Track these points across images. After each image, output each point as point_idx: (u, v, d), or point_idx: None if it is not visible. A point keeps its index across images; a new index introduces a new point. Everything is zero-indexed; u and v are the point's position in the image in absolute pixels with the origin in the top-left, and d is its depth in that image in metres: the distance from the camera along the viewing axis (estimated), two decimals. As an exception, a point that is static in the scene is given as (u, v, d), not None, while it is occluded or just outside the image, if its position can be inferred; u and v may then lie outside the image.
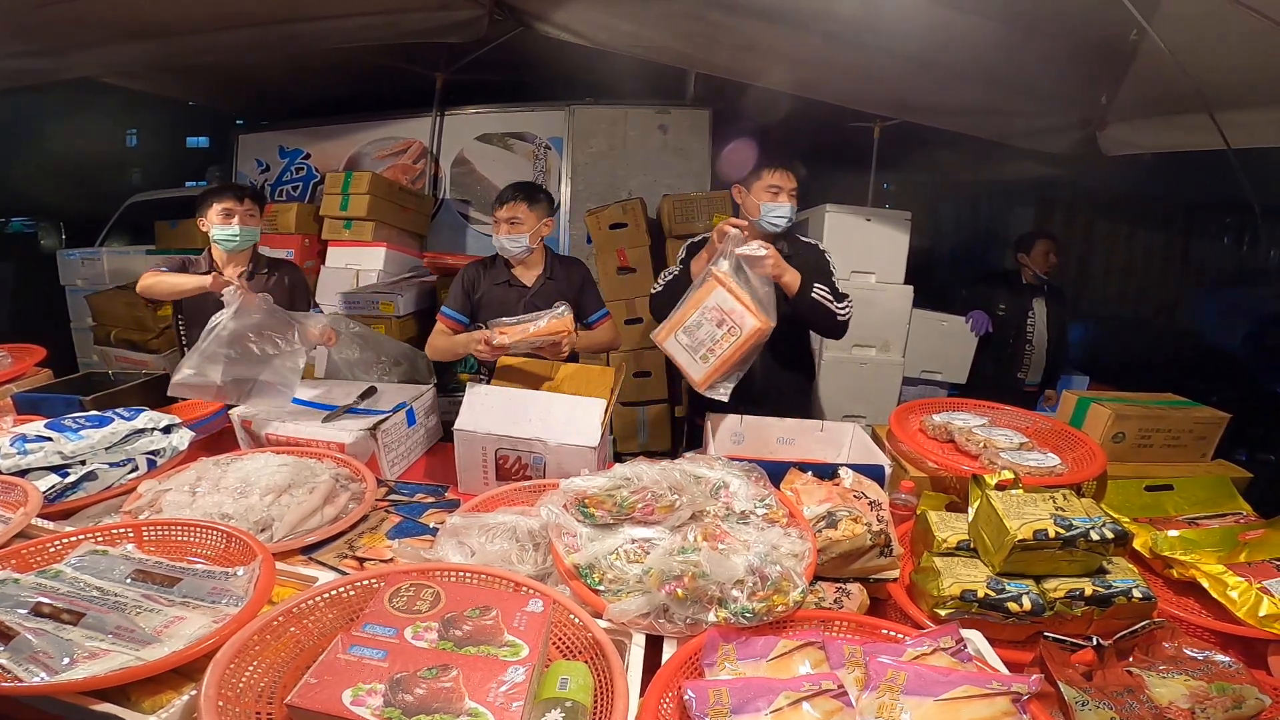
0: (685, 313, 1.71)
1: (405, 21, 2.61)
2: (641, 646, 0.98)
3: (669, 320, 1.75)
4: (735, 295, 1.65)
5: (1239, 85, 2.16)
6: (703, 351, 1.68)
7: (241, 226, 2.11)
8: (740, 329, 1.63)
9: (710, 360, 1.66)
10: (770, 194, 1.95)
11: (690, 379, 1.71)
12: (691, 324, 1.70)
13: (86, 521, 1.33)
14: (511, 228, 2.05)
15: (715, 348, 1.65)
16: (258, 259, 2.27)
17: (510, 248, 2.08)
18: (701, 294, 1.70)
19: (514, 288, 2.15)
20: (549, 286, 2.13)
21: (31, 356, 2.23)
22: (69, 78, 2.87)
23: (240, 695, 0.79)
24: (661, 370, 3.52)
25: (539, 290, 2.13)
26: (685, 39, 2.57)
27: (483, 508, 1.34)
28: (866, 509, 1.21)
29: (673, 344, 1.73)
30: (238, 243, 2.14)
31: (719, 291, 1.67)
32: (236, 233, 2.10)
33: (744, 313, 1.63)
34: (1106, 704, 0.90)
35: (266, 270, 2.27)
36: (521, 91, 4.12)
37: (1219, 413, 1.71)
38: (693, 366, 1.70)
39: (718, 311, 1.66)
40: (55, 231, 6.20)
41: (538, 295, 2.12)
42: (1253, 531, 1.34)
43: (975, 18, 2.22)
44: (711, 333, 1.66)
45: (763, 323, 1.61)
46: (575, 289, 2.17)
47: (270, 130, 4.43)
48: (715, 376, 1.67)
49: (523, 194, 2.07)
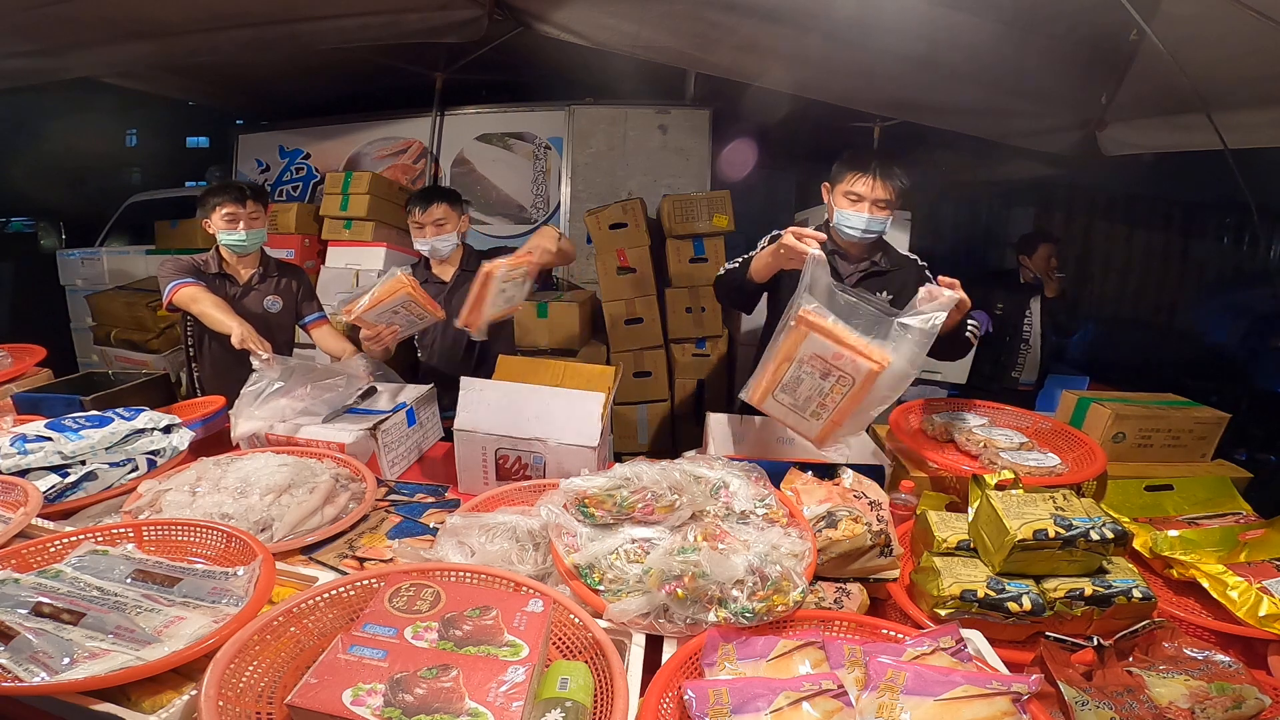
0: (777, 368, 1.39)
1: (405, 21, 2.61)
2: (641, 646, 0.98)
3: (759, 378, 1.43)
4: (835, 338, 1.32)
5: (1238, 85, 2.16)
6: (812, 408, 1.39)
7: (247, 231, 2.11)
8: (853, 378, 1.32)
9: (823, 416, 1.38)
10: (849, 201, 1.75)
11: (805, 437, 1.44)
12: (788, 381, 1.38)
13: (86, 521, 1.33)
14: (439, 229, 2.18)
15: (826, 402, 1.36)
16: (266, 260, 2.27)
17: (442, 247, 2.21)
18: (790, 344, 1.36)
19: (432, 284, 2.27)
20: (466, 279, 2.21)
21: (31, 356, 2.22)
22: (69, 78, 2.87)
23: (240, 695, 0.79)
24: (662, 370, 3.53)
25: (456, 283, 2.24)
26: (685, 39, 2.57)
27: (483, 508, 1.34)
28: (866, 509, 1.21)
29: (773, 405, 1.43)
30: (244, 247, 2.14)
31: (812, 339, 1.34)
32: (243, 238, 2.10)
33: (853, 357, 1.31)
34: (1106, 704, 0.90)
35: (276, 274, 2.27)
36: (521, 91, 4.13)
37: (1219, 413, 1.71)
38: (804, 425, 1.41)
39: (818, 361, 1.35)
40: (55, 231, 6.20)
41: (456, 288, 2.23)
42: (1253, 531, 1.34)
43: (975, 18, 2.22)
44: (817, 386, 1.36)
45: (879, 363, 1.30)
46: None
47: (270, 130, 4.44)
48: (834, 431, 1.39)
49: (446, 196, 2.19)
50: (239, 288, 2.20)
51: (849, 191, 1.75)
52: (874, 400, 1.34)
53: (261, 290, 2.23)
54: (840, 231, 1.79)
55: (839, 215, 1.77)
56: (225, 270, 2.19)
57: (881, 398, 1.34)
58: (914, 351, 1.34)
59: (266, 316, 2.21)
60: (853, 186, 1.74)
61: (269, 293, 2.24)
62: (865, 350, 1.31)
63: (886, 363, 1.30)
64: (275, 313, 2.26)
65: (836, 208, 1.78)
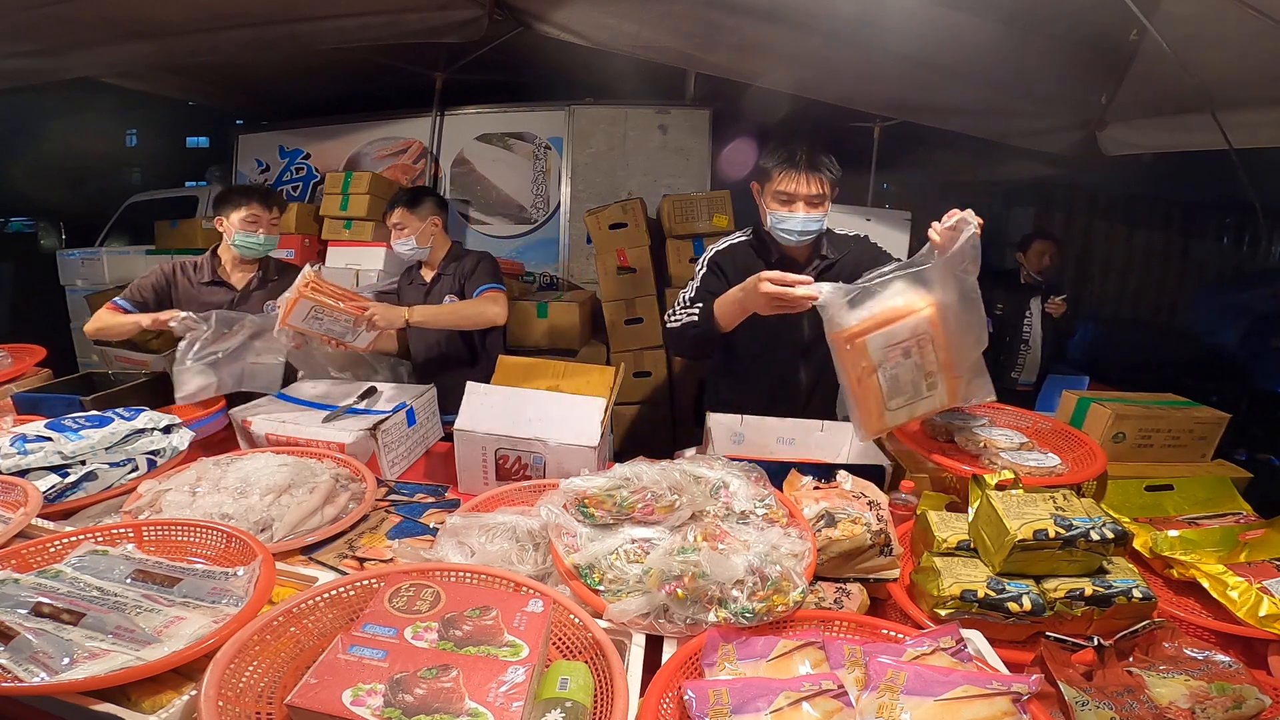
0: (865, 391, 1.31)
1: (405, 21, 2.61)
2: (641, 647, 0.98)
3: (861, 412, 1.34)
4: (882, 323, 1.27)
5: (1239, 85, 2.16)
6: (924, 385, 1.32)
7: (266, 235, 2.10)
8: (927, 334, 1.27)
9: (937, 381, 1.32)
10: (780, 202, 1.62)
11: (942, 410, 1.40)
12: (887, 389, 1.31)
13: (86, 521, 1.33)
14: (398, 232, 2.21)
15: (930, 368, 1.30)
16: (268, 264, 2.25)
17: (402, 250, 2.24)
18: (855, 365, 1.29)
19: (416, 285, 2.35)
20: (440, 281, 2.29)
21: (31, 356, 2.22)
22: (69, 78, 2.87)
23: (240, 695, 0.79)
24: (662, 370, 3.53)
25: (434, 283, 2.29)
26: (685, 39, 2.57)
27: (483, 508, 1.34)
28: (865, 509, 1.21)
29: (896, 416, 1.35)
30: (259, 250, 2.13)
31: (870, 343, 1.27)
32: (260, 241, 2.10)
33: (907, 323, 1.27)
34: (1107, 704, 0.90)
35: (277, 278, 2.23)
36: (521, 91, 4.13)
37: (1219, 413, 1.71)
38: (933, 401, 1.36)
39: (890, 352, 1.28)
40: (55, 231, 6.20)
41: (434, 288, 2.29)
42: (1253, 531, 1.34)
43: (975, 18, 2.22)
44: (911, 367, 1.29)
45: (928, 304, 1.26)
46: (466, 275, 2.29)
47: (270, 130, 4.44)
48: (957, 384, 1.34)
49: (405, 199, 2.21)
50: (235, 294, 2.17)
51: (778, 192, 1.61)
52: (960, 333, 1.30)
53: (260, 296, 2.20)
54: (776, 235, 1.66)
55: (772, 219, 1.63)
56: (219, 277, 2.16)
57: (965, 324, 1.30)
58: (944, 274, 1.28)
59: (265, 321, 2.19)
60: (781, 185, 1.60)
61: (269, 298, 2.21)
62: (908, 308, 1.28)
63: (931, 302, 1.27)
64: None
65: (768, 210, 1.64)
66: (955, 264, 1.26)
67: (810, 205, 1.60)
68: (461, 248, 2.37)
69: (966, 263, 1.26)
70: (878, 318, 1.27)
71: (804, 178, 1.57)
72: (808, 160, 1.58)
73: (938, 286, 1.28)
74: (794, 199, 1.59)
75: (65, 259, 4.22)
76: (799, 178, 1.58)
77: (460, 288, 2.27)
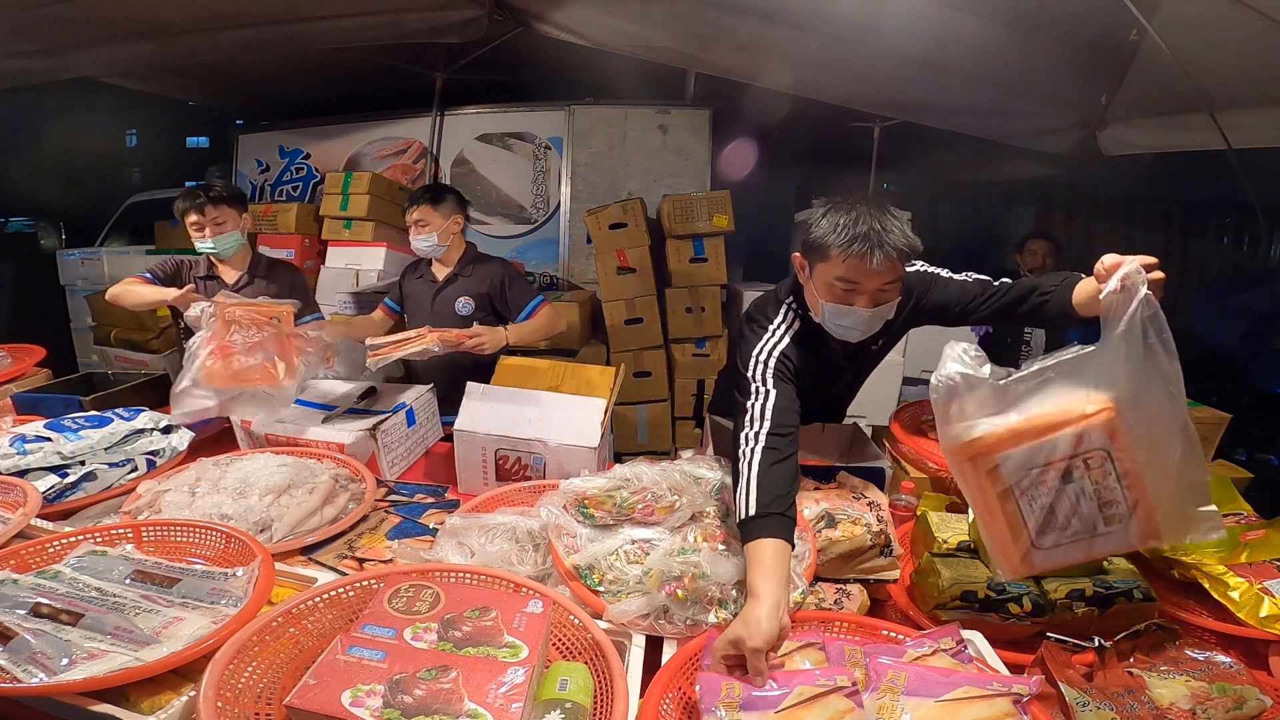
0: (1001, 523, 0.95)
1: (405, 21, 2.61)
2: (641, 647, 0.97)
3: (1000, 551, 0.97)
4: (1028, 434, 0.91)
5: (1239, 85, 2.16)
6: (1100, 518, 0.93)
7: (214, 237, 2.05)
8: (1100, 447, 0.89)
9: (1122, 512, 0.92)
10: (842, 289, 1.21)
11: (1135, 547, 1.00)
12: (1034, 522, 0.93)
13: (86, 522, 1.33)
14: (419, 229, 2.17)
15: (1107, 497, 0.91)
16: (256, 261, 2.20)
17: (421, 246, 2.20)
18: (982, 491, 0.95)
19: (425, 280, 2.28)
20: (456, 282, 2.25)
21: (31, 356, 2.22)
22: (69, 78, 2.87)
23: (239, 696, 0.79)
24: (662, 370, 3.52)
25: (447, 283, 2.25)
26: (685, 39, 2.57)
27: (482, 508, 1.33)
28: (866, 510, 1.21)
29: (1052, 556, 0.95)
30: (216, 254, 2.10)
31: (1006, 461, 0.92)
32: (211, 246, 2.06)
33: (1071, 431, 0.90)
34: (1107, 705, 0.90)
35: (265, 275, 2.19)
36: (521, 91, 4.13)
37: (1219, 413, 1.71)
38: (1119, 538, 0.93)
39: (1039, 473, 0.92)
40: (55, 231, 6.20)
41: (446, 288, 2.23)
42: (1253, 532, 1.34)
43: (976, 18, 2.22)
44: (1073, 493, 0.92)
45: (1104, 407, 0.89)
46: (489, 285, 2.25)
47: (270, 130, 4.44)
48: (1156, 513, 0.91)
49: (428, 196, 2.18)
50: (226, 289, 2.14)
51: (840, 279, 1.19)
52: (1158, 445, 0.90)
53: (248, 294, 2.14)
54: (831, 330, 1.28)
55: (828, 311, 1.24)
56: (214, 273, 2.15)
57: (1166, 423, 0.90)
58: (1126, 356, 0.89)
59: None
60: (845, 272, 1.18)
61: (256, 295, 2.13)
62: (1066, 414, 0.90)
63: (1105, 403, 0.89)
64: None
65: (821, 299, 1.24)
66: (1137, 339, 0.88)
67: (877, 298, 1.21)
68: (476, 250, 2.32)
69: (1150, 334, 0.88)
70: (1017, 429, 0.91)
71: (876, 261, 1.15)
72: (880, 236, 1.14)
73: (1117, 377, 0.89)
74: (859, 289, 1.20)
75: (65, 259, 4.22)
76: (868, 263, 1.15)
77: (485, 294, 2.22)
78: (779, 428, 1.14)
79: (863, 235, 1.14)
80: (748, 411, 1.17)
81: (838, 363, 1.44)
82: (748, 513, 1.04)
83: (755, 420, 1.15)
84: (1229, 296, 4.31)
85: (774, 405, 1.16)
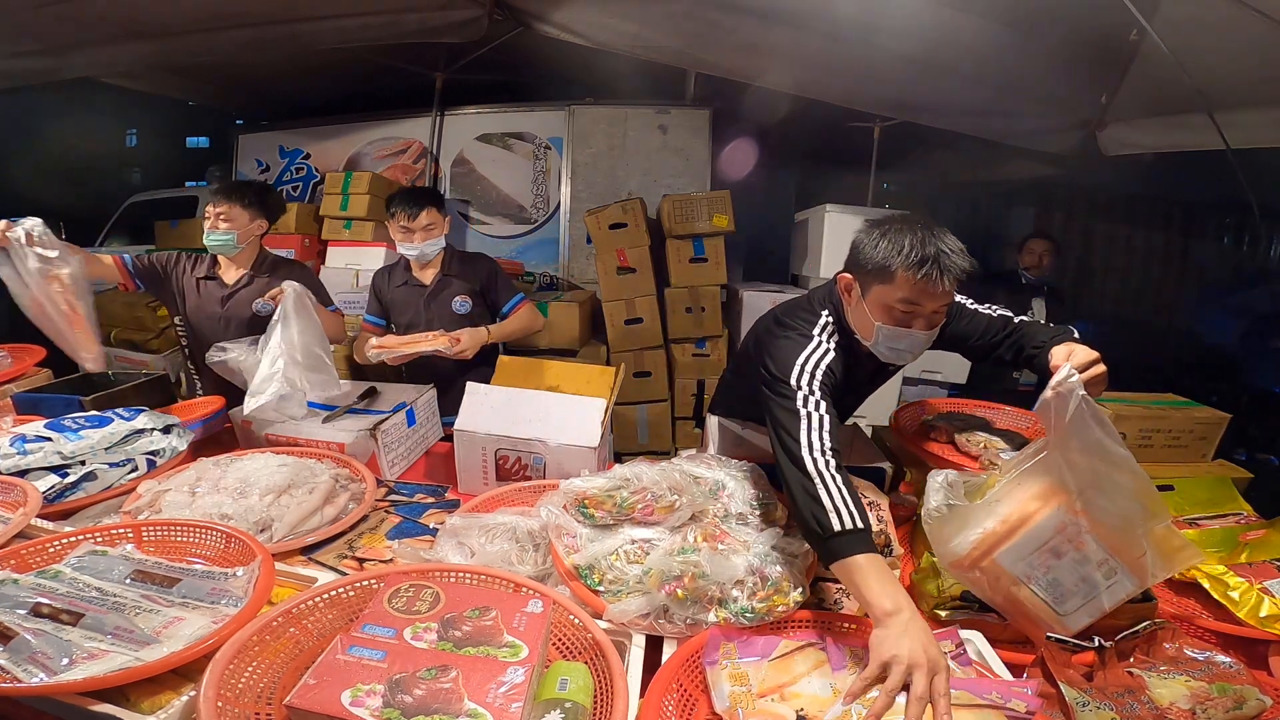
0: (1021, 608, 1.05)
1: (405, 21, 2.61)
2: (641, 647, 0.97)
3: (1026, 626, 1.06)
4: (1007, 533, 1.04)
5: (1239, 85, 2.16)
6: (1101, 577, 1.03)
7: (212, 232, 2.03)
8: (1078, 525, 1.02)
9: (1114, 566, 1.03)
10: (901, 311, 1.20)
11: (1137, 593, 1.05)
12: (1051, 599, 1.03)
13: (86, 522, 1.33)
14: (428, 233, 2.17)
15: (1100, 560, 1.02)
16: (262, 260, 2.16)
17: (429, 251, 2.19)
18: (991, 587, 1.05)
19: (411, 286, 2.26)
20: (448, 283, 2.24)
21: (31, 356, 2.22)
22: (69, 78, 2.87)
23: (239, 696, 0.79)
24: (662, 370, 3.53)
25: (437, 287, 2.24)
26: (685, 39, 2.57)
27: (482, 508, 1.33)
28: (866, 509, 1.20)
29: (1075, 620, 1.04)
30: (215, 249, 2.07)
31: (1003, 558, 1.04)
32: (210, 239, 2.05)
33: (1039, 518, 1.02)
34: (1107, 705, 0.90)
35: (269, 274, 2.15)
36: (521, 91, 4.13)
37: (1219, 413, 1.71)
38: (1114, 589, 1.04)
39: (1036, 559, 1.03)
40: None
41: (440, 290, 2.23)
42: (1253, 532, 1.34)
43: (975, 18, 2.22)
44: (1076, 571, 1.03)
45: (1059, 494, 1.03)
46: (480, 282, 2.26)
47: (270, 130, 4.44)
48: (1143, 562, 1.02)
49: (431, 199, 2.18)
50: (226, 290, 2.12)
51: (904, 300, 1.18)
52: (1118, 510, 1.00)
53: (249, 293, 2.12)
54: (880, 354, 1.28)
55: (884, 334, 1.22)
56: (215, 272, 2.12)
57: (1124, 493, 1.00)
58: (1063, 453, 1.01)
59: (255, 320, 2.09)
60: (910, 294, 1.17)
61: (258, 294, 2.11)
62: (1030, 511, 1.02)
63: (1060, 495, 1.01)
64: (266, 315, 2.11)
65: (877, 322, 1.22)
66: (1079, 431, 0.99)
67: (932, 320, 1.22)
68: (455, 248, 2.32)
69: (1092, 425, 0.99)
70: (999, 531, 1.03)
71: (940, 285, 1.14)
72: (946, 259, 1.14)
73: (1068, 466, 1.01)
74: (918, 312, 1.20)
75: (65, 259, 4.21)
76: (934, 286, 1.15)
77: (478, 290, 2.26)
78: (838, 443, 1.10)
79: (931, 258, 1.14)
80: (803, 420, 1.11)
81: (860, 379, 1.42)
82: (853, 524, 0.99)
83: (816, 430, 1.10)
84: (1229, 296, 4.32)
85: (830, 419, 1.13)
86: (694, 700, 0.91)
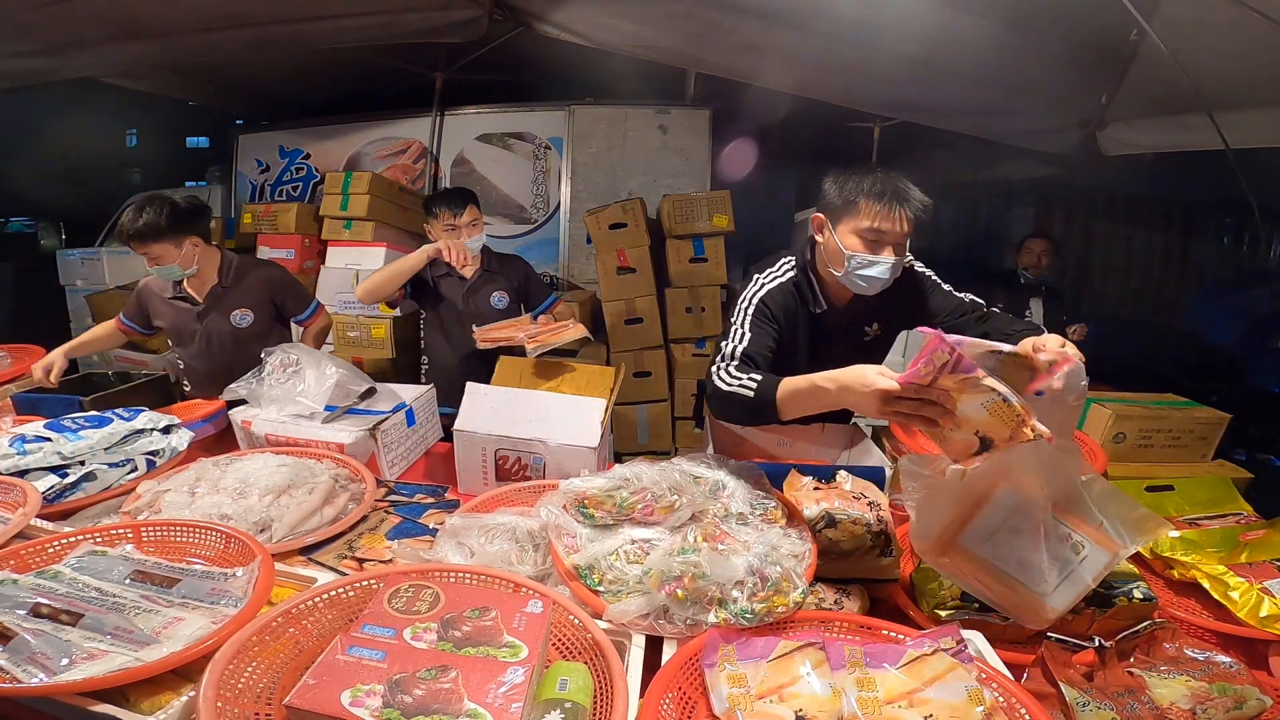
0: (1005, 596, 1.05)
1: (405, 21, 2.61)
2: (641, 647, 0.97)
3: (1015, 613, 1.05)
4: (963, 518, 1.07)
5: (1239, 85, 2.16)
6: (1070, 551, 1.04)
7: (154, 268, 1.97)
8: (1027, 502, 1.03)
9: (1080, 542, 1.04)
10: (866, 241, 1.33)
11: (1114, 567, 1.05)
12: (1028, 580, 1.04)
13: (86, 522, 1.33)
14: (472, 230, 2.23)
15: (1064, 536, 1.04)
16: (225, 268, 2.08)
17: (475, 246, 2.26)
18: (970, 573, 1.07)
19: (453, 277, 2.32)
20: (489, 278, 2.33)
21: (31, 357, 2.22)
22: (69, 78, 2.87)
23: (239, 696, 0.79)
24: (662, 370, 3.53)
25: (478, 281, 2.32)
26: (685, 39, 2.57)
27: (482, 508, 1.33)
28: (866, 509, 1.21)
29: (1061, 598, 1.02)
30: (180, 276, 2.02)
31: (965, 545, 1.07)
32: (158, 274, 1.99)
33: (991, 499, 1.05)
34: (1108, 705, 0.90)
35: (235, 282, 2.09)
36: (521, 91, 4.13)
37: (1219, 413, 1.71)
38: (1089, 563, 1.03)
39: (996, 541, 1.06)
40: (55, 231, 6.20)
41: (480, 285, 2.32)
42: (1253, 532, 1.34)
43: (975, 18, 2.22)
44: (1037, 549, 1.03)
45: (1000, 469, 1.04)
46: (519, 281, 2.38)
47: (270, 130, 4.44)
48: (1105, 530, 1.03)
49: (472, 198, 2.24)
50: (199, 306, 2.08)
51: (869, 229, 1.31)
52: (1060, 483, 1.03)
53: (225, 306, 2.09)
54: (851, 282, 1.38)
55: (853, 261, 1.33)
56: (181, 291, 2.08)
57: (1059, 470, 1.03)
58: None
59: (237, 333, 2.09)
60: (872, 221, 1.31)
61: (235, 306, 2.09)
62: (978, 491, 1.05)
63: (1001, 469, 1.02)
64: (245, 327, 2.10)
65: (846, 249, 1.34)
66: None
67: (899, 248, 1.34)
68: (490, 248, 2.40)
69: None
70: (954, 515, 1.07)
71: (899, 214, 1.30)
72: (903, 191, 1.31)
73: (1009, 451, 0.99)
74: (884, 239, 1.32)
75: (65, 259, 4.21)
76: (894, 214, 1.30)
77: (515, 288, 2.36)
78: (751, 355, 1.31)
79: (891, 190, 1.31)
80: (719, 351, 1.34)
81: (827, 326, 1.52)
82: (760, 378, 1.20)
83: (727, 358, 1.32)
84: (1229, 296, 4.31)
85: (748, 341, 1.33)
86: (693, 703, 0.91)
